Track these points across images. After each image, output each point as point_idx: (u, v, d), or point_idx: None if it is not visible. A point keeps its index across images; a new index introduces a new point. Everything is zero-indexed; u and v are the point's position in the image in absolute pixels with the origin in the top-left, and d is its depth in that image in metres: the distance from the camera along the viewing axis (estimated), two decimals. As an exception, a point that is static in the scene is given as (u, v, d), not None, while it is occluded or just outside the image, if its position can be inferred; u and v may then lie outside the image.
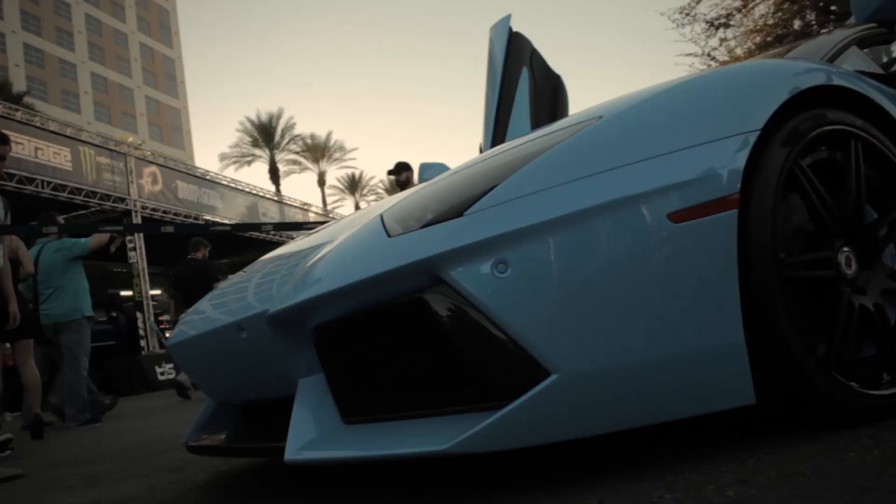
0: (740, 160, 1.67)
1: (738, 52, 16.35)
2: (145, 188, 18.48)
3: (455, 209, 1.63)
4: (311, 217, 26.79)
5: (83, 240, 7.48)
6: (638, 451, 1.86)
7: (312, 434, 1.78)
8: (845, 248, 1.87)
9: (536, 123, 3.85)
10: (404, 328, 1.65)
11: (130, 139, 21.14)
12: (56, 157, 15.84)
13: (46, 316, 7.15)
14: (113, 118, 57.73)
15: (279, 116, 50.16)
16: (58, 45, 55.97)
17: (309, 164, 53.08)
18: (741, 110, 1.76)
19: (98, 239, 7.53)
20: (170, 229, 4.40)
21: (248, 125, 49.62)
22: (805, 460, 1.52)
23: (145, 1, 63.98)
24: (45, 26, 55.44)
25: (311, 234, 2.79)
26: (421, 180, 4.46)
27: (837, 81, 1.99)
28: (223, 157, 50.02)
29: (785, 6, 15.42)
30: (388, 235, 1.71)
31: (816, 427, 1.78)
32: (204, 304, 2.58)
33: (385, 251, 1.67)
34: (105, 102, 58.05)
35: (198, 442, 2.49)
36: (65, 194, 15.89)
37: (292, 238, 3.95)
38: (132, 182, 17.93)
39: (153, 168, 19.25)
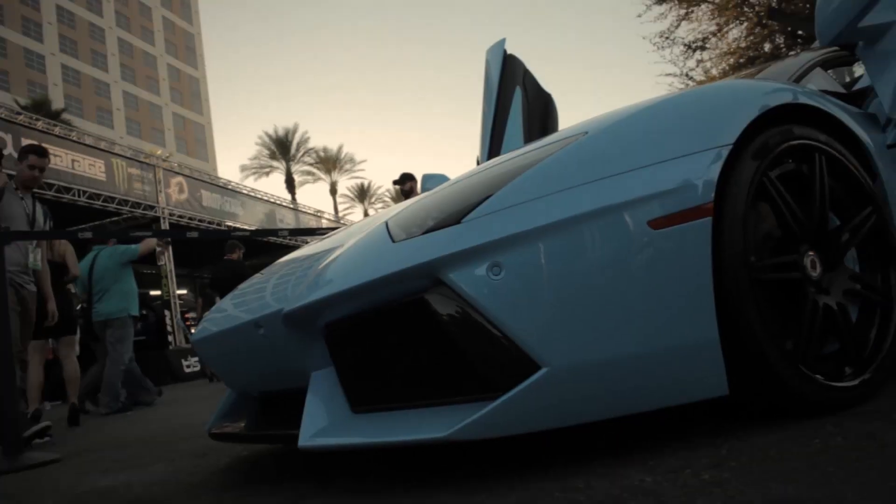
0: (714, 172, 1.68)
1: (714, 72, 16.37)
2: (172, 197, 18.52)
3: (453, 217, 1.63)
4: (324, 223, 26.85)
5: (134, 246, 7.59)
6: (624, 438, 1.85)
7: (324, 422, 1.78)
8: (811, 253, 1.87)
9: (529, 138, 3.85)
10: (407, 325, 1.65)
11: (159, 152, 21.24)
12: (91, 168, 15.89)
13: (97, 314, 7.28)
14: (143, 133, 57.80)
15: (294, 131, 50.30)
16: (93, 67, 56.06)
17: (322, 175, 53.18)
18: (715, 126, 1.76)
19: (147, 245, 7.69)
20: (194, 234, 4.40)
21: (266, 139, 49.78)
22: (774, 446, 1.52)
23: (172, 26, 64.08)
24: (82, 49, 55.55)
25: (323, 239, 2.80)
26: (423, 190, 4.47)
27: (803, 100, 1.99)
28: (243, 168, 50.16)
29: (756, 31, 15.43)
30: (393, 241, 1.71)
31: (785, 416, 1.77)
32: (226, 303, 2.58)
33: (390, 255, 1.67)
34: (136, 118, 58.11)
35: (220, 429, 2.48)
36: (99, 202, 15.95)
37: (306, 243, 3.94)
38: (160, 191, 17.96)
39: (179, 178, 19.28)
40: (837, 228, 1.96)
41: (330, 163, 53.22)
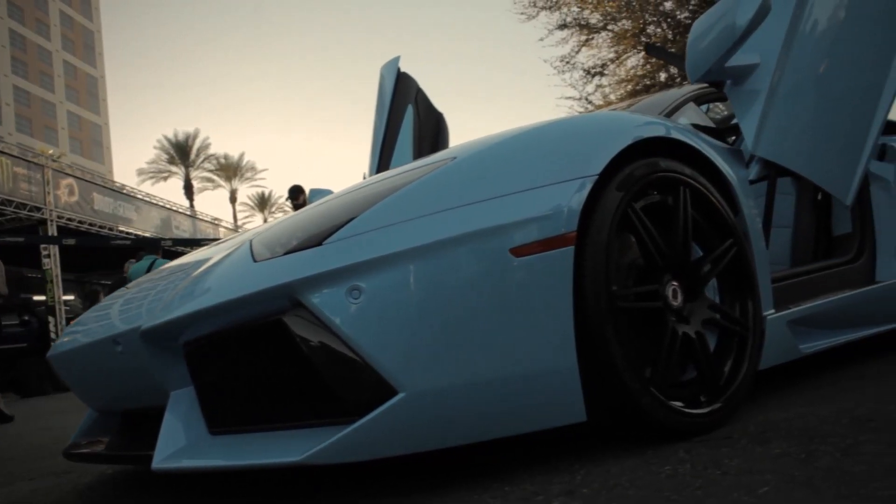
0: (578, 201, 1.71)
1: (612, 97, 16.84)
2: (62, 199, 17.73)
3: (315, 238, 1.61)
4: (222, 231, 26.29)
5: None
6: (489, 462, 1.85)
7: (180, 444, 1.72)
8: (673, 282, 1.92)
9: (418, 155, 3.87)
10: (265, 347, 1.61)
11: (50, 151, 20.33)
12: (-30, 165, 15.06)
13: None
14: (34, 131, 55.20)
15: (195, 136, 49.21)
16: (-21, 58, 53.39)
17: (222, 182, 52.17)
18: (582, 156, 1.80)
19: None
20: (71, 242, 4.23)
21: (166, 143, 48.47)
22: (627, 473, 1.55)
23: (70, 21, 61.54)
24: (-32, 39, 52.84)
25: (196, 252, 2.72)
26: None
27: (670, 134, 2.05)
28: (140, 172, 48.60)
29: (652, 60, 15.96)
30: (255, 260, 1.68)
31: (643, 442, 1.81)
32: (87, 317, 2.48)
33: (250, 275, 1.64)
34: (27, 115, 55.50)
35: (75, 449, 2.37)
36: (-22, 202, 15.13)
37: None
38: (48, 192, 17.18)
39: (70, 180, 18.50)
40: (700, 259, 2.02)
41: (231, 170, 52.27)
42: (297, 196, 7.49)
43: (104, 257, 18.73)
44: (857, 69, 2.56)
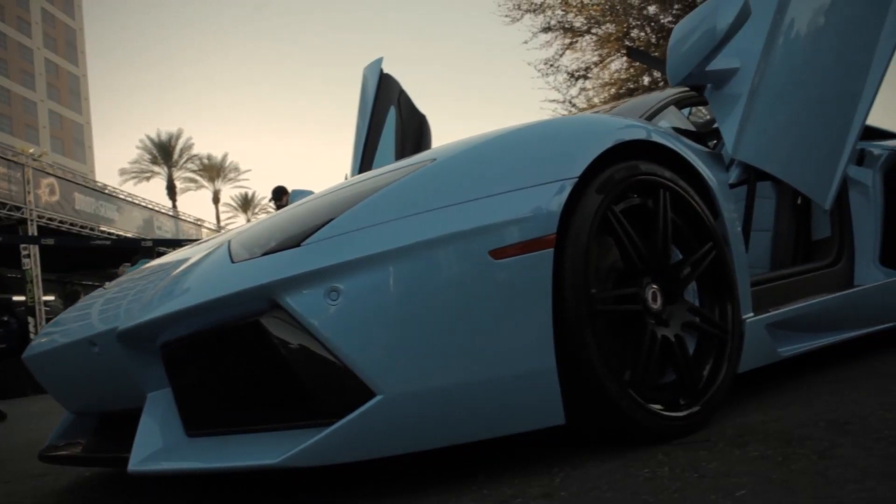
0: (557, 204, 1.71)
1: (596, 100, 16.90)
2: (42, 198, 17.56)
3: (294, 239, 1.60)
4: (205, 232, 26.15)
5: None
6: (469, 464, 1.85)
7: (157, 446, 1.71)
8: (653, 285, 1.93)
9: (401, 156, 3.87)
10: (243, 349, 1.61)
11: (31, 150, 20.12)
12: (-52, 163, 14.88)
13: None
14: (15, 129, 54.68)
15: (178, 136, 48.96)
16: (-41, 55, 52.89)
17: (205, 183, 51.91)
18: (562, 159, 1.80)
19: None
20: (50, 242, 4.18)
21: (148, 143, 48.20)
22: (605, 476, 1.55)
23: (53, 19, 61.00)
24: (-53, 36, 52.34)
25: (179, 251, 2.70)
26: (292, 206, 4.40)
27: (651, 137, 2.05)
28: (123, 172, 48.29)
29: (636, 64, 16.03)
30: (232, 261, 1.67)
31: (622, 444, 1.81)
32: (64, 317, 2.45)
33: (228, 276, 1.63)
34: (7, 113, 54.96)
35: (51, 452, 2.34)
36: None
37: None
38: (29, 192, 17.01)
39: (51, 179, 18.32)
40: (679, 262, 2.03)
41: (214, 171, 52.03)
42: (280, 197, 7.46)
43: (85, 258, 18.60)
44: (836, 75, 2.58)
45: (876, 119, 3.12)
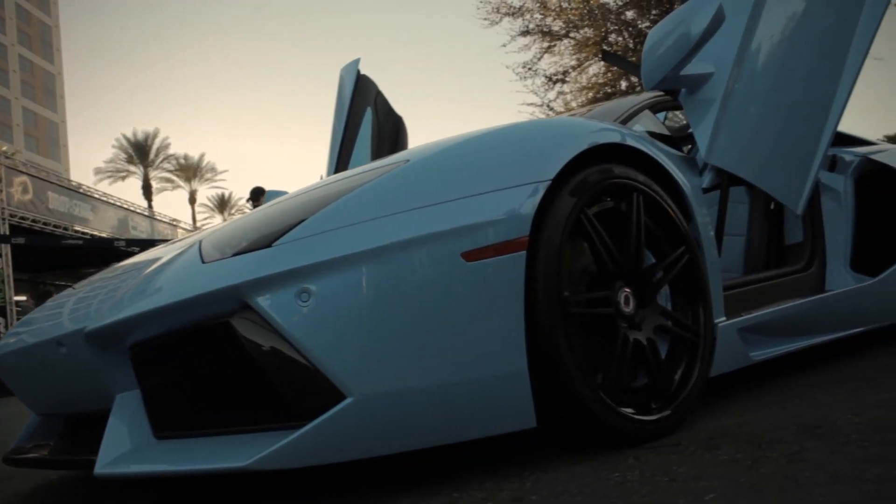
0: (531, 206, 1.70)
1: (574, 104, 16.99)
2: (15, 197, 17.33)
3: (265, 239, 1.59)
4: (180, 233, 25.93)
5: None
6: (435, 468, 1.84)
7: (124, 448, 1.68)
8: (625, 289, 1.93)
9: (377, 158, 3.85)
10: (213, 350, 1.59)
11: (4, 148, 19.87)
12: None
13: None
14: (-13, 127, 54.10)
15: (155, 136, 48.67)
16: (-68, 50, 52.11)
17: (181, 183, 51.61)
18: (536, 161, 1.80)
19: None
20: (20, 240, 4.13)
21: (125, 142, 47.83)
22: (576, 479, 1.55)
23: (28, 16, 60.25)
24: (-83, 29, 51.54)
25: (152, 250, 2.67)
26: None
27: (625, 141, 2.06)
28: (98, 171, 47.87)
29: (614, 68, 16.13)
30: (203, 261, 1.65)
31: (593, 448, 1.81)
32: (33, 316, 2.41)
33: (198, 276, 1.61)
34: (-21, 111, 54.35)
35: (16, 454, 2.30)
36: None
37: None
38: (1, 190, 16.79)
39: (24, 178, 18.09)
40: (652, 266, 2.03)
41: (190, 171, 51.73)
42: (258, 198, 7.43)
43: (59, 258, 18.37)
44: (809, 81, 2.60)
45: (847, 125, 3.16)
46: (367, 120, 3.96)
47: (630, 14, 16.44)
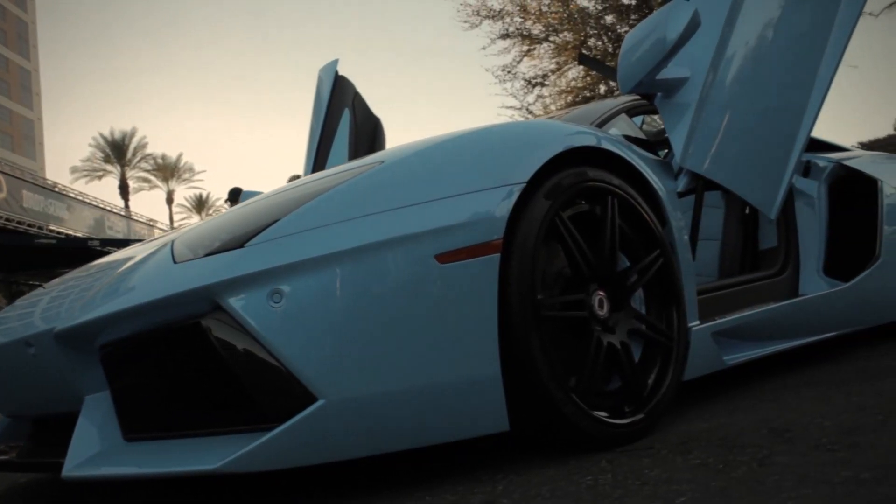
0: (505, 209, 1.70)
1: (553, 108, 17.06)
2: (-12, 195, 17.16)
3: (238, 240, 1.58)
4: (157, 233, 25.74)
5: None
6: (408, 471, 1.84)
7: (93, 450, 1.67)
8: (599, 292, 1.93)
9: (354, 159, 3.84)
10: (183, 351, 1.58)
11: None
12: None
13: None
14: (-39, 124, 53.49)
15: (132, 135, 48.43)
16: None
17: (159, 183, 51.39)
18: (510, 164, 1.80)
19: None
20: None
21: (101, 141, 47.49)
22: (548, 483, 1.55)
23: (3, 12, 59.68)
24: None
25: (126, 249, 2.64)
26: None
27: (600, 144, 2.07)
28: (74, 170, 47.47)
29: (593, 73, 16.21)
30: (175, 261, 1.64)
31: (567, 451, 1.81)
32: (2, 316, 2.38)
33: (169, 276, 1.60)
34: (-47, 107, 53.73)
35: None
36: None
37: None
38: (-27, 188, 16.62)
39: (-2, 176, 17.91)
40: (626, 269, 2.03)
41: (168, 170, 51.50)
42: (236, 198, 7.36)
43: (32, 257, 18.16)
44: (783, 87, 2.62)
45: (821, 132, 3.19)
46: (344, 121, 3.95)
47: (609, 18, 16.55)
